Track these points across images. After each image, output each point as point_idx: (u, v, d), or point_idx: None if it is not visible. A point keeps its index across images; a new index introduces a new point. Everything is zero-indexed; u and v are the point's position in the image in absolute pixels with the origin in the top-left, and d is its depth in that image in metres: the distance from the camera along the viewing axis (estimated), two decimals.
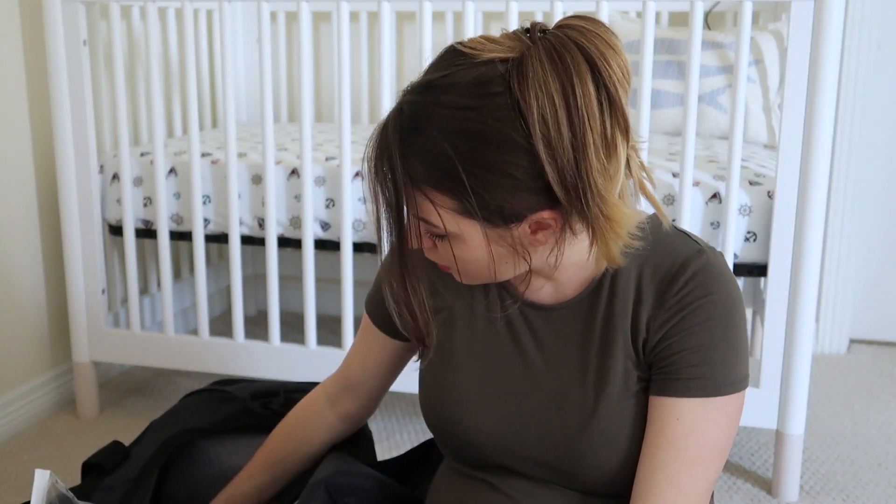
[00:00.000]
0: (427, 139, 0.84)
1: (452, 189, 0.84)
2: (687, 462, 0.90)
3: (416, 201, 0.87)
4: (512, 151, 0.82)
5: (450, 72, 0.84)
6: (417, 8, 2.08)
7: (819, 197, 1.67)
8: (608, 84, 0.81)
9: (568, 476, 0.98)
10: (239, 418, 1.29)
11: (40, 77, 2.12)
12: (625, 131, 0.84)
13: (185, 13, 1.94)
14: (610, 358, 0.95)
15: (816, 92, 1.63)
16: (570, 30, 0.83)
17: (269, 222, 1.98)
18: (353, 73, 2.74)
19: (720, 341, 0.91)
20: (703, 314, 0.90)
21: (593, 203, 0.83)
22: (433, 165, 0.84)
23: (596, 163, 0.82)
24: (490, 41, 0.85)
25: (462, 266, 0.92)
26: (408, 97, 0.87)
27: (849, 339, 2.73)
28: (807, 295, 1.71)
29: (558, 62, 0.81)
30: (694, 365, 0.91)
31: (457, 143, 0.83)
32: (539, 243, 0.89)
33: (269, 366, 2.04)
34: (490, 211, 0.85)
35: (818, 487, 1.89)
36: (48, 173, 2.17)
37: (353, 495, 1.06)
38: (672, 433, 0.90)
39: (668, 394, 0.91)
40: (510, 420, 0.99)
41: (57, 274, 2.22)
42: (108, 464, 1.21)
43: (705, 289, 0.91)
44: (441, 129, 0.83)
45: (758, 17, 2.53)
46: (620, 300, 0.94)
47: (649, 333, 0.93)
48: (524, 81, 0.81)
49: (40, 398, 2.18)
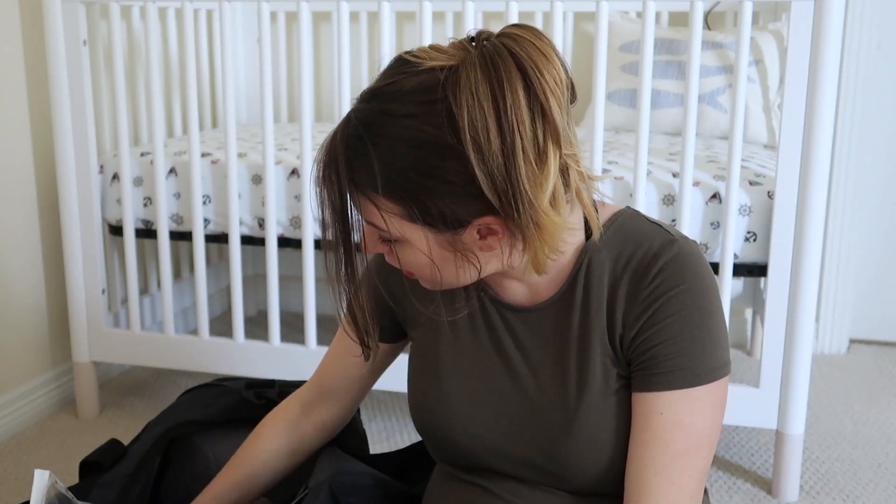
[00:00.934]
0: (372, 147, 0.85)
1: (396, 195, 0.86)
2: (676, 454, 0.90)
3: (362, 206, 0.89)
4: (448, 157, 0.83)
5: (395, 80, 0.86)
6: (417, 8, 2.08)
7: (819, 197, 1.67)
8: (538, 92, 0.82)
9: (556, 477, 0.98)
10: (234, 410, 1.29)
11: (40, 77, 2.12)
12: (556, 140, 0.84)
13: (185, 13, 1.94)
14: (588, 357, 0.95)
15: (816, 92, 1.63)
16: (506, 38, 0.84)
17: (269, 222, 1.98)
18: (353, 73, 2.74)
19: (696, 330, 0.91)
20: (677, 304, 0.91)
21: (524, 210, 0.84)
22: (377, 172, 0.85)
23: (525, 169, 0.82)
24: (436, 50, 0.86)
25: (416, 271, 0.93)
26: (356, 105, 0.88)
27: (849, 339, 2.73)
28: (807, 295, 1.71)
29: (491, 70, 0.82)
30: (672, 357, 0.91)
31: (400, 150, 0.84)
32: (490, 248, 0.89)
33: (269, 366, 2.04)
34: (433, 216, 0.86)
35: (818, 487, 1.89)
36: (48, 173, 2.17)
37: (355, 495, 1.07)
38: (658, 427, 0.91)
39: (649, 389, 0.92)
40: (496, 423, 1.00)
41: (57, 274, 2.22)
42: (106, 461, 1.21)
43: (678, 278, 0.91)
44: (385, 136, 0.85)
45: (758, 17, 2.53)
46: (595, 297, 0.95)
47: (625, 328, 0.93)
48: (457, 88, 0.82)
49: (40, 398, 2.18)
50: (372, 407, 2.26)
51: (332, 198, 0.89)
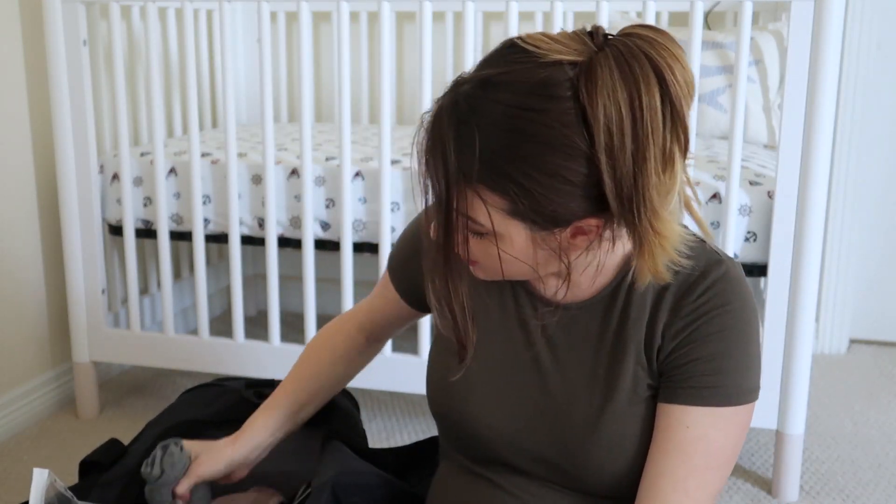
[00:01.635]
0: (485, 137, 0.81)
1: (507, 189, 0.82)
2: (694, 469, 0.90)
3: (467, 198, 0.84)
4: (573, 158, 0.80)
5: (511, 69, 0.81)
6: (417, 8, 2.08)
7: (819, 197, 1.67)
8: (674, 97, 0.80)
9: (571, 477, 0.97)
10: (234, 410, 1.29)
11: (40, 77, 2.12)
12: (684, 147, 0.82)
13: (185, 13, 1.94)
14: (621, 363, 0.94)
15: (816, 92, 1.63)
16: (638, 39, 0.81)
17: (269, 222, 1.98)
18: (353, 73, 2.74)
19: (734, 351, 0.90)
20: (720, 323, 0.90)
21: (645, 217, 0.81)
22: (490, 164, 0.81)
23: (654, 177, 0.80)
24: (553, 40, 0.82)
25: (490, 263, 0.90)
26: (465, 89, 0.83)
27: (849, 339, 2.73)
28: (807, 295, 1.71)
29: (627, 71, 0.79)
30: (707, 374, 0.90)
31: (517, 144, 0.80)
32: (575, 248, 0.88)
33: (269, 366, 2.04)
34: (540, 214, 0.83)
35: (818, 487, 1.89)
36: (48, 173, 2.17)
37: (357, 495, 1.07)
38: (681, 440, 0.90)
39: (678, 401, 0.91)
40: (517, 415, 0.99)
41: (57, 274, 2.22)
42: (106, 461, 1.21)
43: (723, 298, 0.90)
44: (501, 128, 0.81)
45: (758, 17, 2.53)
46: (636, 306, 0.94)
47: (664, 341, 0.92)
48: (593, 89, 0.78)
49: (40, 398, 2.18)
50: (372, 407, 2.25)
51: (436, 186, 0.85)
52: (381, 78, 1.86)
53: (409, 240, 1.13)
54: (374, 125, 2.65)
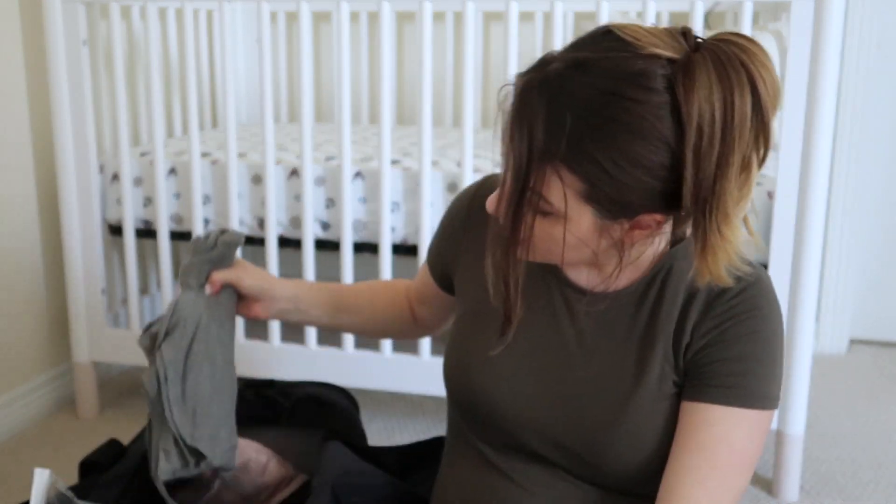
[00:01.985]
0: (576, 118, 0.81)
1: (589, 172, 0.82)
2: (716, 467, 0.89)
3: (545, 176, 0.84)
4: (659, 151, 0.81)
5: (607, 56, 0.82)
6: (417, 8, 2.08)
7: (819, 197, 1.67)
8: (763, 106, 0.80)
9: (588, 466, 0.97)
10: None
11: (40, 77, 2.12)
12: (762, 157, 0.83)
13: (185, 13, 1.94)
14: (648, 357, 0.94)
15: (816, 92, 1.63)
16: (733, 45, 0.81)
17: (269, 222, 1.98)
18: (353, 73, 2.74)
19: (762, 356, 0.91)
20: (751, 326, 0.91)
21: (715, 219, 0.82)
22: (577, 146, 0.81)
23: (732, 182, 0.81)
24: (650, 34, 0.83)
25: (547, 245, 0.90)
26: (555, 68, 0.83)
27: (849, 339, 2.73)
28: (807, 295, 1.71)
29: (724, 75, 0.80)
30: (735, 375, 0.90)
31: (608, 129, 0.81)
32: (630, 240, 0.89)
33: (269, 366, 2.04)
34: (615, 202, 0.84)
35: (818, 487, 1.89)
36: (48, 173, 2.17)
37: (358, 495, 1.06)
38: (704, 438, 0.90)
39: (704, 400, 0.91)
40: (543, 401, 0.98)
41: (57, 274, 2.22)
42: (105, 461, 1.21)
43: (755, 302, 0.92)
44: (593, 111, 0.81)
45: (758, 17, 2.53)
46: (668, 301, 0.94)
47: (693, 339, 0.93)
48: (690, 87, 0.79)
49: (40, 398, 2.18)
50: (372, 407, 2.25)
51: (517, 160, 0.84)
52: (381, 78, 1.86)
53: (444, 222, 1.14)
54: (374, 125, 2.65)
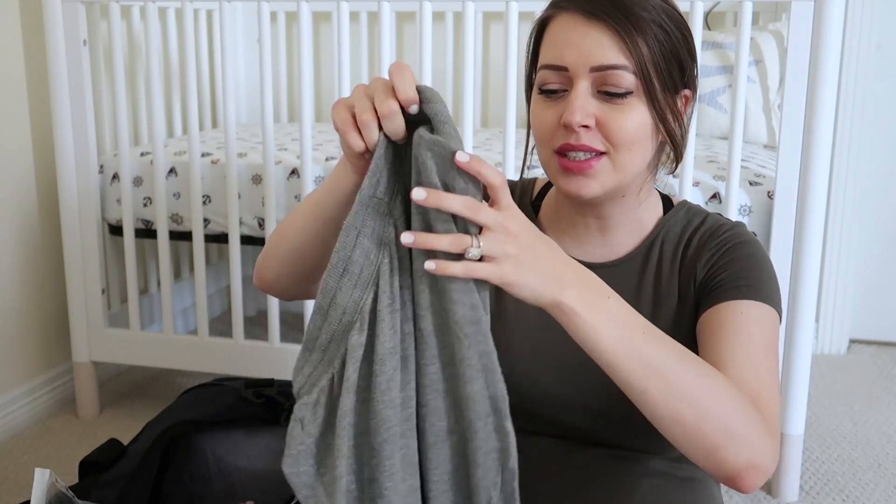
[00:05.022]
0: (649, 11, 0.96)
1: (651, 34, 0.93)
2: (759, 346, 0.91)
3: (634, 35, 0.93)
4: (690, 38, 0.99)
5: None
6: (417, 8, 2.08)
7: (819, 197, 1.67)
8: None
9: (618, 426, 0.99)
10: (233, 410, 1.29)
11: (40, 77, 2.12)
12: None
13: (185, 13, 1.94)
14: (660, 312, 1.00)
15: (816, 92, 1.63)
16: None
17: (269, 222, 1.98)
18: (353, 73, 2.74)
19: (761, 269, 0.98)
20: (745, 249, 0.99)
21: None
22: (650, 21, 0.94)
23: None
24: None
25: (620, 138, 0.95)
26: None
27: (849, 339, 2.73)
28: (807, 295, 1.71)
29: None
30: (742, 276, 0.97)
31: (664, 21, 0.95)
32: (681, 114, 0.98)
33: (268, 366, 2.04)
34: (673, 64, 0.95)
35: (818, 487, 1.89)
36: (48, 173, 2.17)
37: None
38: (739, 324, 0.93)
39: (724, 300, 0.95)
40: (560, 374, 1.00)
41: (56, 274, 2.22)
42: (105, 461, 1.22)
43: (745, 236, 1.01)
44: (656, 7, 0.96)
45: (758, 17, 2.53)
46: (667, 259, 1.02)
47: (697, 273, 1.00)
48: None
49: (40, 398, 2.18)
50: None
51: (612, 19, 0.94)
52: None
53: None
54: None
